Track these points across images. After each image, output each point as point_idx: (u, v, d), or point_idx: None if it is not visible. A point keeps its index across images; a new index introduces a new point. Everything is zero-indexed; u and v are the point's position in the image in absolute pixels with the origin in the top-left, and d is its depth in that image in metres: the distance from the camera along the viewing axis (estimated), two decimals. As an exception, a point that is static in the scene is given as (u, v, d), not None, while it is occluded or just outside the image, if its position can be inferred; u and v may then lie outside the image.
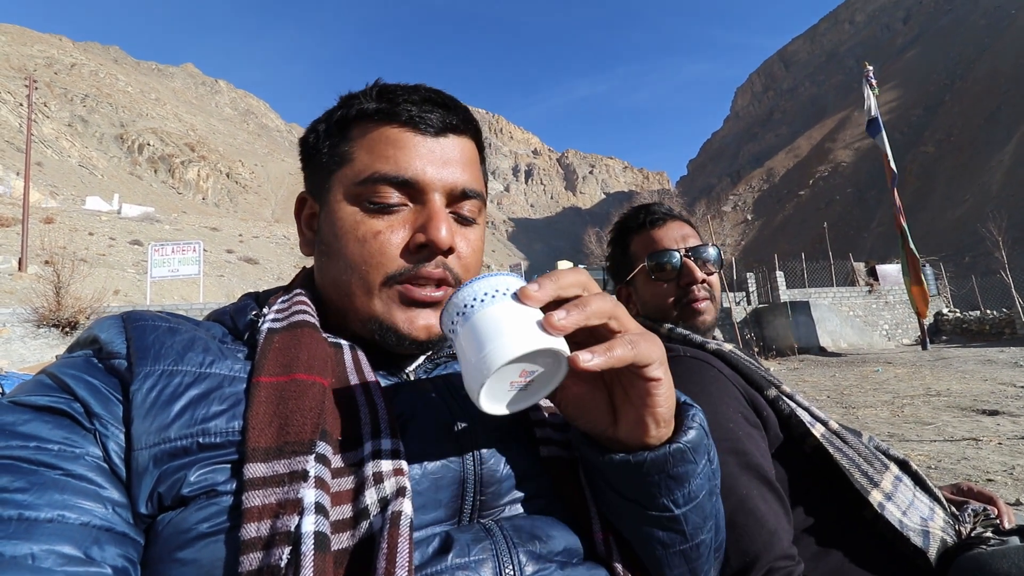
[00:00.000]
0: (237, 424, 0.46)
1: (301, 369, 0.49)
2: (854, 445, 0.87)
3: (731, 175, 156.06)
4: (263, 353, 0.50)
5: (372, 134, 0.59)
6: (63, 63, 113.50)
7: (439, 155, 0.59)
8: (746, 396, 0.89)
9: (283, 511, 0.41)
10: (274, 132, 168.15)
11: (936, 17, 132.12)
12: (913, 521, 0.80)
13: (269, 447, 0.44)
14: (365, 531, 0.44)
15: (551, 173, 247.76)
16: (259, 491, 0.42)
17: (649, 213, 1.12)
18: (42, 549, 0.36)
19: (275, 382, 0.48)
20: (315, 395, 0.47)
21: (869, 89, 11.21)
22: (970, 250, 48.80)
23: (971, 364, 8.69)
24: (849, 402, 6.00)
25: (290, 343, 0.52)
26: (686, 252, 1.06)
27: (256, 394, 0.47)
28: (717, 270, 1.09)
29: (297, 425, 0.45)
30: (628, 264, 1.12)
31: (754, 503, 0.75)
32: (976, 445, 3.72)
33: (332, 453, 0.47)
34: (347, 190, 0.59)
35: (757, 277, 16.94)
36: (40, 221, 29.34)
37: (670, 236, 1.08)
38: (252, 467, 0.43)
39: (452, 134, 0.61)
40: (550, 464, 0.56)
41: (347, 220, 0.58)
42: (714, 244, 1.09)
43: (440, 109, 0.60)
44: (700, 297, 1.05)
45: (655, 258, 1.06)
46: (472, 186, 0.61)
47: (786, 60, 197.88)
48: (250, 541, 0.40)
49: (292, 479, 0.43)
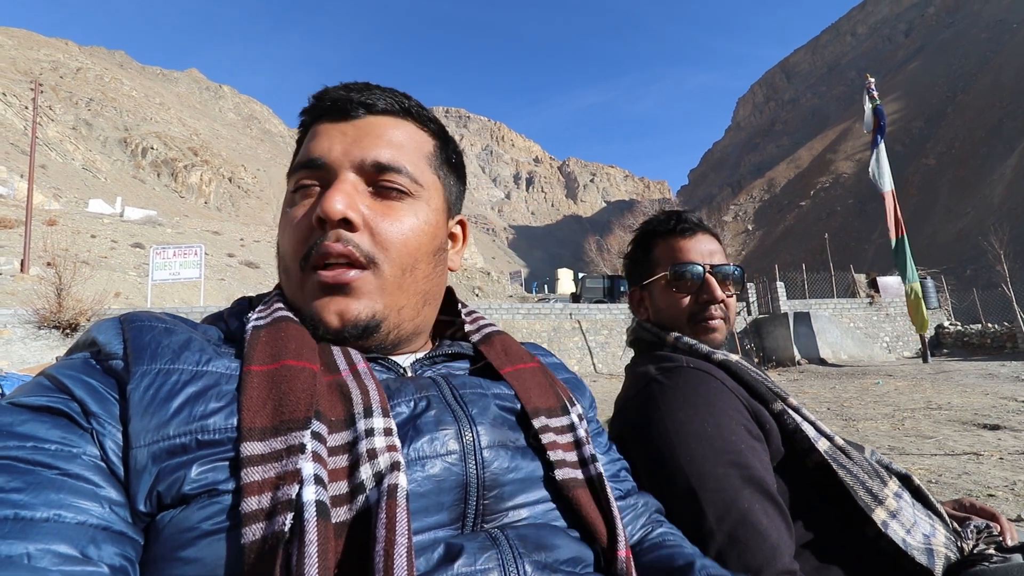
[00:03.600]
0: (235, 421, 0.46)
1: (290, 356, 0.50)
2: (858, 461, 0.86)
3: (732, 185, 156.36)
4: (251, 346, 0.51)
5: (309, 132, 0.62)
6: (69, 67, 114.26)
7: (352, 135, 0.59)
8: (749, 408, 0.88)
9: (283, 483, 0.42)
10: (277, 137, 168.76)
11: (938, 30, 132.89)
12: (917, 539, 0.79)
13: (265, 427, 0.45)
14: (362, 504, 0.44)
15: (552, 181, 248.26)
16: (257, 467, 0.42)
17: (680, 220, 1.08)
18: (38, 548, 0.36)
19: (266, 370, 0.49)
20: (306, 378, 0.48)
21: (870, 101, 11.24)
22: (971, 263, 48.74)
23: (972, 378, 8.65)
24: (849, 414, 5.97)
25: (276, 335, 0.52)
26: (711, 268, 1.03)
27: (248, 381, 0.47)
28: (737, 291, 1.07)
29: (291, 405, 0.46)
30: (648, 268, 1.09)
31: (756, 517, 0.74)
32: (977, 460, 3.70)
33: (327, 432, 0.47)
34: (288, 189, 0.62)
35: (758, 287, 16.92)
36: (43, 223, 29.41)
37: (697, 249, 1.05)
38: (249, 445, 0.43)
39: (370, 115, 0.61)
40: (565, 486, 0.55)
41: (283, 215, 0.61)
42: (738, 265, 1.06)
43: (360, 94, 0.61)
44: (716, 316, 1.02)
45: (678, 269, 1.03)
46: (388, 159, 0.59)
47: (788, 71, 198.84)
48: (251, 513, 0.40)
49: (290, 453, 0.43)
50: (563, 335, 14.70)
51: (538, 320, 14.86)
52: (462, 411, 0.55)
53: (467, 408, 0.56)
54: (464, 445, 0.52)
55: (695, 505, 0.76)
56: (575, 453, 0.59)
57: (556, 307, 15.61)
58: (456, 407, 0.55)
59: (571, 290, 34.00)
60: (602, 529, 0.54)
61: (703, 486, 0.76)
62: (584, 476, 0.57)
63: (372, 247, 0.57)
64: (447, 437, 0.52)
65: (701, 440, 0.80)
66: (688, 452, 0.80)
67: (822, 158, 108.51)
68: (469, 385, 0.59)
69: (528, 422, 0.59)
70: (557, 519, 0.54)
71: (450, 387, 0.58)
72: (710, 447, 0.80)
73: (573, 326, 14.92)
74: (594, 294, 23.27)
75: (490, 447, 0.54)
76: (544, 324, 14.75)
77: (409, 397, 0.55)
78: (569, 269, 48.76)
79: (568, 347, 14.57)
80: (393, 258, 0.58)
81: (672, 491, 0.78)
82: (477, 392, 0.59)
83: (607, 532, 0.55)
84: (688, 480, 0.77)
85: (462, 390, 0.58)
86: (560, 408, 0.62)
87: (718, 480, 0.77)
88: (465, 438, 0.53)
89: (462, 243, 0.73)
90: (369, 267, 0.57)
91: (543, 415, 0.60)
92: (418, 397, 0.55)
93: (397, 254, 0.58)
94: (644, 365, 0.97)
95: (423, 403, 0.54)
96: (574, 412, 0.63)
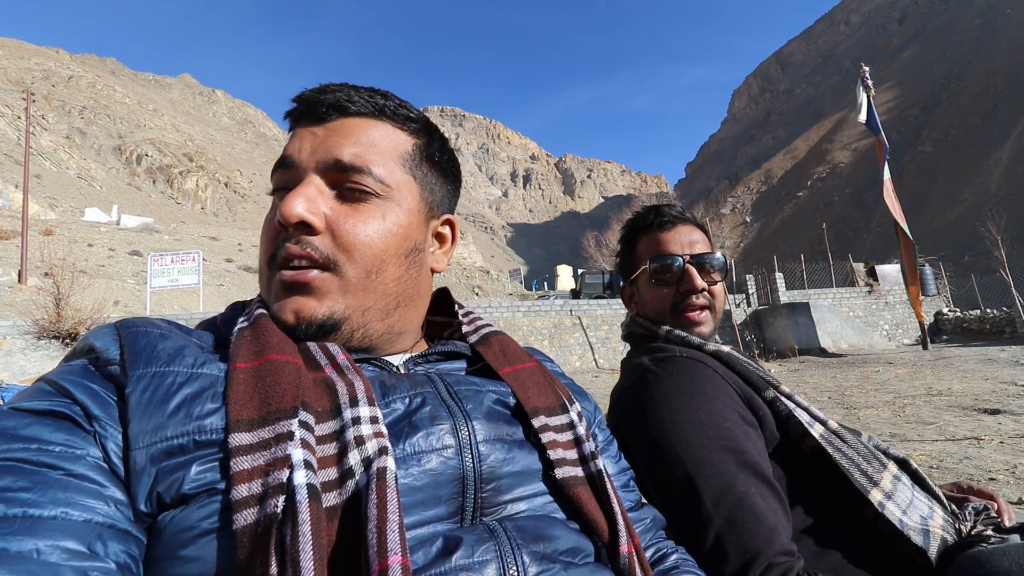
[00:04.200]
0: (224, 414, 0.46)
1: (273, 351, 0.51)
2: (853, 444, 0.87)
3: (729, 177, 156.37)
4: (236, 346, 0.52)
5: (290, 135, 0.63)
6: (60, 75, 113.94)
7: (320, 136, 0.59)
8: (743, 396, 0.89)
9: (273, 468, 0.42)
10: (272, 141, 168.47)
11: (931, 17, 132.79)
12: (913, 520, 0.80)
13: (252, 418, 0.45)
14: (352, 489, 0.45)
15: (549, 178, 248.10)
16: (247, 456, 0.43)
17: (659, 215, 1.10)
18: (47, 544, 0.37)
19: (250, 366, 0.50)
20: (291, 371, 0.49)
21: (864, 91, 11.22)
22: (969, 249, 48.79)
23: (972, 363, 8.67)
24: (850, 403, 5.98)
25: (258, 333, 0.54)
26: (690, 258, 1.04)
27: (235, 377, 0.48)
28: (721, 279, 1.07)
29: (278, 396, 0.47)
30: (633, 263, 1.11)
31: (752, 500, 0.75)
32: (978, 444, 3.71)
33: (314, 422, 0.48)
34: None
35: (756, 279, 16.94)
36: (39, 233, 29.35)
37: (676, 240, 1.06)
38: (236, 436, 0.44)
39: (343, 117, 0.60)
40: (566, 484, 0.56)
41: (268, 216, 0.62)
42: (722, 252, 1.08)
43: (333, 95, 0.60)
44: (698, 306, 1.03)
45: (657, 261, 1.05)
46: (351, 159, 0.58)
47: (782, 62, 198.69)
48: (242, 500, 0.41)
49: (278, 440, 0.44)
50: (564, 331, 14.72)
51: (538, 317, 14.87)
52: (457, 407, 0.56)
53: (462, 404, 0.56)
54: (460, 440, 0.53)
55: (692, 490, 0.76)
56: (575, 451, 0.59)
57: (556, 304, 15.61)
58: (451, 403, 0.56)
59: (571, 286, 34.04)
60: (603, 524, 0.55)
61: (699, 471, 0.77)
62: (584, 473, 0.57)
63: (333, 249, 0.57)
64: (443, 432, 0.53)
65: (696, 427, 0.81)
66: (683, 439, 0.80)
67: (818, 148, 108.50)
68: (464, 382, 0.60)
69: (525, 417, 0.59)
70: (556, 511, 0.55)
71: (444, 384, 0.58)
72: (705, 433, 0.80)
73: (574, 322, 14.94)
74: (594, 290, 23.26)
75: (486, 441, 0.54)
76: (544, 321, 14.76)
77: (404, 394, 0.55)
78: (568, 265, 48.76)
79: (569, 343, 14.59)
80: (356, 259, 0.58)
81: (669, 478, 0.79)
82: (472, 388, 0.59)
83: (608, 527, 0.55)
84: (684, 466, 0.78)
85: (457, 387, 0.59)
86: (559, 406, 0.62)
87: (714, 465, 0.77)
88: (461, 433, 0.53)
89: (451, 243, 0.71)
90: (331, 268, 0.57)
91: (542, 414, 0.60)
92: (413, 394, 0.55)
93: (360, 256, 0.58)
94: (638, 357, 0.98)
95: (418, 399, 0.55)
96: (573, 410, 0.63)
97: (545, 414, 0.60)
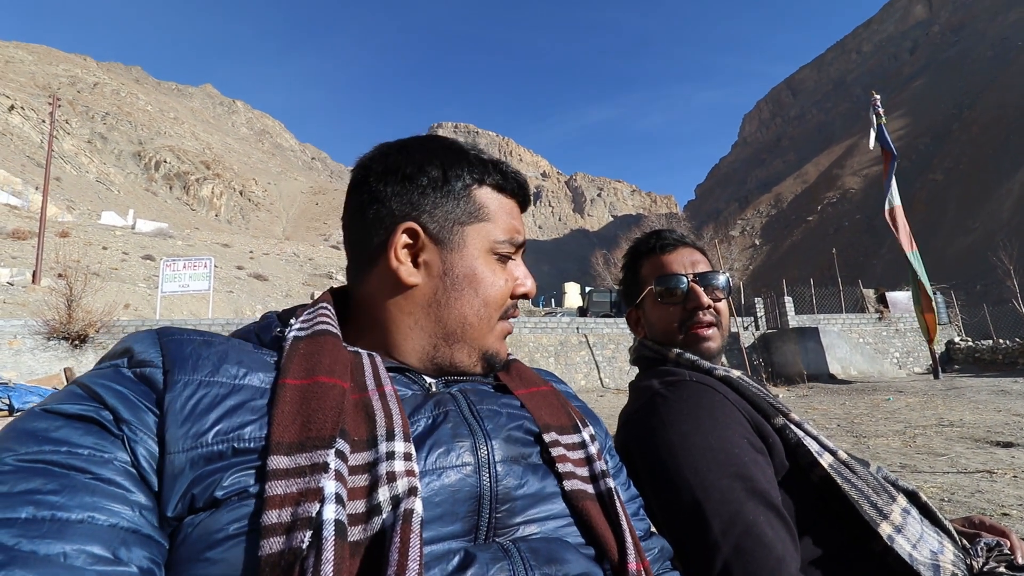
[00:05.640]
0: (267, 431, 0.48)
1: (323, 372, 0.52)
2: (863, 476, 0.86)
3: (739, 200, 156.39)
4: (288, 358, 0.54)
5: (493, 199, 0.69)
6: (86, 82, 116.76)
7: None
8: (752, 422, 0.88)
9: (304, 499, 0.43)
10: (288, 152, 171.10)
11: (943, 48, 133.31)
12: (923, 555, 0.79)
13: (292, 442, 0.46)
14: (377, 527, 0.45)
15: (559, 196, 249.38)
16: (281, 481, 0.44)
17: (660, 238, 1.13)
18: (73, 548, 0.38)
19: (299, 384, 0.51)
20: (335, 396, 0.51)
21: (876, 118, 11.25)
22: (981, 278, 48.27)
23: (984, 394, 8.53)
24: (860, 431, 5.89)
25: (313, 349, 0.55)
26: (694, 277, 1.07)
27: (282, 395, 0.50)
28: (725, 296, 1.09)
29: (319, 423, 0.48)
30: (638, 287, 1.13)
31: (761, 529, 0.74)
32: (990, 478, 3.64)
33: (349, 451, 0.49)
34: (484, 244, 0.67)
35: (765, 302, 16.83)
36: (56, 235, 29.83)
37: (679, 261, 1.09)
38: (275, 459, 0.45)
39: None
40: (575, 497, 0.57)
41: (486, 264, 0.67)
42: (724, 271, 1.10)
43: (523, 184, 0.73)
44: (705, 322, 1.04)
45: (662, 282, 1.07)
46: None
47: (793, 88, 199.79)
48: (271, 526, 0.42)
49: (313, 470, 0.45)
50: (570, 349, 14.66)
51: (545, 334, 14.83)
52: (478, 425, 0.57)
53: (483, 423, 0.58)
54: (479, 458, 0.54)
55: (700, 516, 0.76)
56: (586, 468, 0.61)
57: (563, 321, 15.57)
58: (472, 421, 0.58)
59: (578, 304, 33.90)
60: (612, 542, 0.56)
61: (708, 498, 0.77)
62: (594, 491, 0.59)
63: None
64: (463, 449, 0.54)
65: (705, 452, 0.81)
66: (692, 464, 0.80)
67: (829, 173, 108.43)
68: (487, 401, 0.62)
69: (542, 442, 0.61)
70: (568, 535, 0.56)
71: (467, 402, 0.61)
72: (714, 459, 0.80)
73: (580, 340, 14.88)
74: (601, 308, 23.18)
75: (503, 461, 0.56)
76: (551, 338, 14.72)
77: (428, 412, 0.57)
78: (576, 283, 48.61)
79: (575, 361, 14.52)
80: None
81: (677, 503, 0.79)
82: (493, 409, 0.61)
83: (617, 546, 0.56)
84: (692, 492, 0.78)
85: (479, 405, 0.61)
86: (571, 427, 0.65)
87: (722, 492, 0.77)
88: (480, 451, 0.55)
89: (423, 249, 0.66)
90: None
91: (554, 431, 0.62)
92: (436, 412, 0.58)
93: None
94: (648, 380, 0.98)
95: (441, 416, 0.57)
96: (586, 432, 0.66)
97: (557, 431, 0.62)
